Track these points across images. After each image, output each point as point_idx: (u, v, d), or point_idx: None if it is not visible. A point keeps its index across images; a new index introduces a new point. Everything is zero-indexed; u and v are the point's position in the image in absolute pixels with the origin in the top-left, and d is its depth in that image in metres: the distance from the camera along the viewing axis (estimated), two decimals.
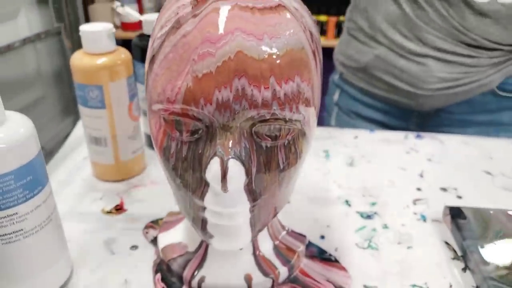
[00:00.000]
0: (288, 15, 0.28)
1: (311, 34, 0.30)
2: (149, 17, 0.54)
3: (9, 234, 0.33)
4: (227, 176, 0.27)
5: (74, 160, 0.59)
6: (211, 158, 0.28)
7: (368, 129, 0.70)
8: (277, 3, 0.28)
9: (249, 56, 0.26)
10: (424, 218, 0.49)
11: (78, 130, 0.66)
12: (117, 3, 0.55)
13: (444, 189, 0.54)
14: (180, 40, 0.27)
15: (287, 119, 0.28)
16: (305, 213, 0.49)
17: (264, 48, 0.26)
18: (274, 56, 0.26)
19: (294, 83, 0.27)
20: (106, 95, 0.48)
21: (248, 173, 0.29)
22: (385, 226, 0.47)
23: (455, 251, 0.44)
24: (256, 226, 0.33)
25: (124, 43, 0.50)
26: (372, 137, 0.67)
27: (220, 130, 0.28)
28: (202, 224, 0.32)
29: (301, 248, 0.41)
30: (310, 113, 0.30)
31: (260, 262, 0.39)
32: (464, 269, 0.42)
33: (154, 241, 0.44)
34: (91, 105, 0.49)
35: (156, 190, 0.53)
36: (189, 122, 0.28)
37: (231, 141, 0.28)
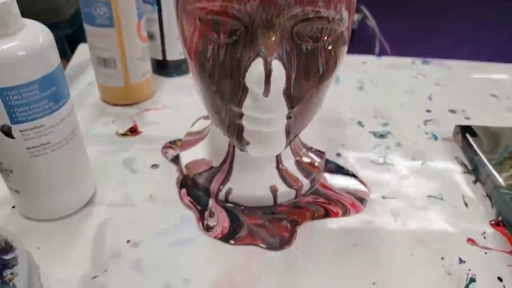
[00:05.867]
0: None
1: None
2: None
3: (37, 147, 0.32)
4: (271, 77, 0.26)
5: (79, 86, 0.57)
6: (252, 60, 0.27)
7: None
8: None
9: None
10: (435, 137, 0.50)
11: (79, 56, 0.64)
12: None
13: (452, 111, 0.55)
14: None
15: (330, 19, 0.27)
16: (319, 134, 0.49)
17: None
18: None
19: None
20: (114, 11, 0.46)
21: (288, 77, 0.28)
22: (398, 144, 0.48)
23: (465, 166, 0.46)
24: (290, 134, 0.33)
25: None
26: (379, 62, 0.67)
27: (262, 29, 0.27)
28: (238, 132, 0.32)
29: (321, 162, 0.42)
30: (348, 18, 0.29)
31: (284, 175, 0.40)
32: (474, 182, 0.44)
33: (174, 160, 0.44)
34: (99, 23, 0.47)
35: (170, 113, 0.52)
36: (228, 21, 0.27)
37: (274, 41, 0.27)
